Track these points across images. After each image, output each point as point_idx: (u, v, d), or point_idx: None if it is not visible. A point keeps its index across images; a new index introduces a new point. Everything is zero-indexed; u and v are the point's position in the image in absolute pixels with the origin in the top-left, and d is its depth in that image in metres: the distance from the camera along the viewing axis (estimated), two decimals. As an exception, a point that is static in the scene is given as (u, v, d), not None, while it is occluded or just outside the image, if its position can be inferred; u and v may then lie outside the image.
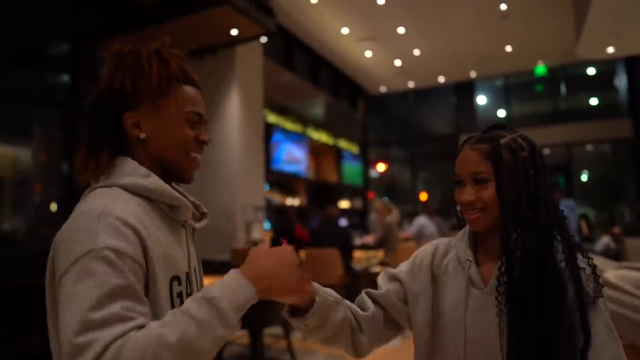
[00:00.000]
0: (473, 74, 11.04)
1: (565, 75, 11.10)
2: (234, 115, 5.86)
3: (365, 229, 9.27)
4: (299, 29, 8.24)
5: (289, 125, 8.37)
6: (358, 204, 11.61)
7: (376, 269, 5.39)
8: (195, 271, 0.89)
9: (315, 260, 4.78)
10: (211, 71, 5.95)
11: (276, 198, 8.18)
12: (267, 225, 6.55)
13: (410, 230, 6.87)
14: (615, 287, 2.50)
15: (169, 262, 0.78)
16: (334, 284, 4.73)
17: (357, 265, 5.36)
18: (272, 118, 7.78)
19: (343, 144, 10.80)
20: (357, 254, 5.95)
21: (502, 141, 0.91)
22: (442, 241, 1.07)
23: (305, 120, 8.98)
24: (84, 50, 5.95)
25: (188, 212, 0.86)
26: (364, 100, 12.21)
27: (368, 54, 9.37)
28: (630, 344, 2.29)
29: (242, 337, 3.92)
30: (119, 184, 0.79)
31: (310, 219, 8.23)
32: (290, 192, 8.91)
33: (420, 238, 6.40)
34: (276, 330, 3.97)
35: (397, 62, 9.90)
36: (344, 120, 10.86)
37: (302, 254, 5.06)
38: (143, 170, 0.81)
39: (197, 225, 0.93)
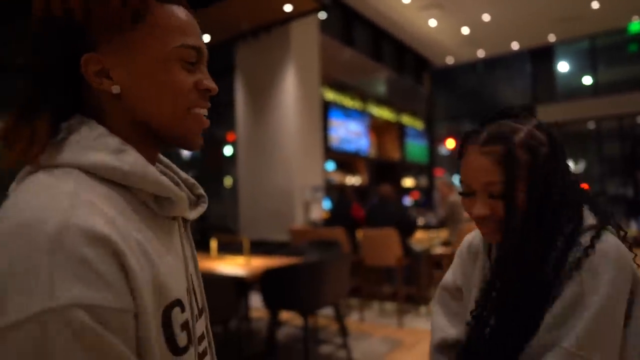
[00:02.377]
0: (552, 38, 10.03)
1: (666, 31, 9.72)
2: (290, 95, 5.79)
3: (430, 207, 8.93)
4: (357, 2, 7.94)
5: (348, 102, 8.17)
6: (424, 182, 11.20)
7: (438, 249, 5.13)
8: (193, 280, 0.62)
9: (371, 241, 4.63)
10: (266, 50, 5.91)
11: (336, 177, 8.08)
12: (326, 204, 6.49)
13: (477, 209, 6.47)
14: None
15: (162, 283, 0.51)
16: (392, 266, 4.57)
17: (418, 246, 5.14)
18: (330, 95, 7.63)
19: (407, 120, 10.40)
20: (419, 234, 5.72)
21: (517, 139, 0.76)
22: (478, 232, 0.96)
23: (365, 97, 8.72)
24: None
25: (182, 206, 0.59)
26: (429, 73, 11.63)
27: (432, 23, 8.83)
28: None
29: (295, 318, 3.91)
30: (78, 163, 0.51)
31: (371, 198, 8.08)
32: (350, 170, 8.77)
33: (488, 218, 6.01)
34: (330, 311, 3.92)
35: (465, 30, 9.24)
36: (408, 95, 10.44)
37: (360, 234, 4.94)
38: (114, 141, 0.53)
39: (192, 216, 0.64)
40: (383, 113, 9.37)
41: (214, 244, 3.57)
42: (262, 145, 5.98)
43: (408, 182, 10.49)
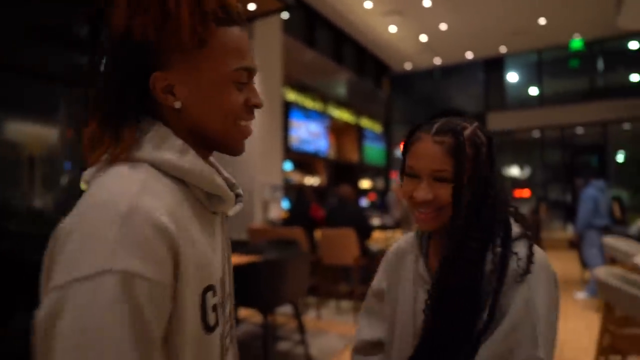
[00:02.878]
0: (503, 49, 10.58)
1: (603, 49, 10.49)
2: (252, 93, 5.79)
3: (385, 210, 9.17)
4: (320, 4, 8.03)
5: (309, 103, 8.25)
6: (380, 184, 11.47)
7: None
8: (227, 271, 0.71)
9: (330, 240, 4.73)
10: (228, 48, 5.87)
11: (295, 177, 8.14)
12: (285, 204, 6.53)
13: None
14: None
15: (203, 269, 0.60)
16: (349, 265, 4.69)
17: (375, 246, 5.28)
18: (291, 96, 7.68)
19: (365, 122, 10.62)
20: (376, 235, 5.87)
21: (465, 134, 0.83)
22: (406, 237, 1.04)
23: (326, 98, 8.84)
24: (104, 28, 5.95)
25: (229, 204, 0.67)
26: (388, 78, 11.93)
27: (393, 29, 9.08)
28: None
29: (254, 315, 3.94)
30: (149, 159, 0.59)
31: (329, 199, 8.19)
32: (309, 171, 8.85)
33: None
34: (288, 309, 3.98)
35: (423, 38, 9.56)
36: (367, 99, 10.66)
37: (318, 233, 5.02)
38: (179, 143, 0.61)
39: (231, 212, 0.72)
40: (343, 115, 9.52)
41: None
42: (222, 143, 5.94)
43: (365, 183, 10.71)
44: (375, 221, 6.59)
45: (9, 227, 4.94)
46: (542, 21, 8.68)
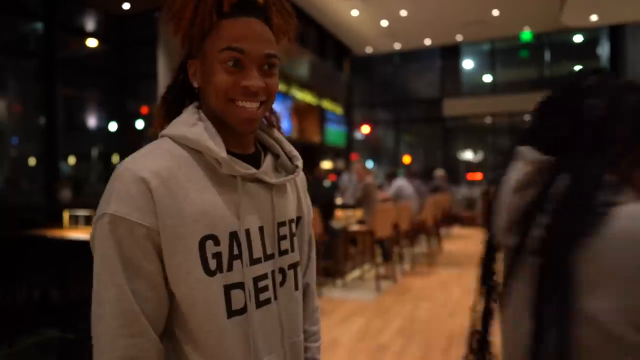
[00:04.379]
0: (459, 38, 11.00)
1: (550, 42, 11.14)
2: (217, 73, 5.78)
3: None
4: (284, -15, 8.03)
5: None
6: (340, 165, 11.74)
7: (354, 227, 5.57)
8: (258, 231, 0.78)
9: (295, 218, 4.94)
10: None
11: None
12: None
13: (389, 191, 7.05)
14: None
15: (201, 219, 0.70)
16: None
17: (336, 224, 5.53)
18: (255, 76, 7.70)
19: (327, 104, 10.78)
20: (338, 213, 6.12)
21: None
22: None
23: (289, 80, 8.91)
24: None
25: (233, 167, 0.74)
26: (349, 61, 12.10)
27: (354, 12, 9.23)
28: None
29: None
30: (169, 133, 0.76)
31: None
32: (273, 151, 8.94)
33: (398, 199, 6.59)
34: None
35: (384, 23, 9.78)
36: (329, 81, 10.80)
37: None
38: (193, 119, 0.76)
39: (275, 180, 0.80)
40: (305, 97, 9.63)
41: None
42: (187, 121, 5.92)
43: (326, 164, 10.93)
44: (337, 201, 6.83)
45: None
46: (495, 12, 9.11)
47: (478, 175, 11.93)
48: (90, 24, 6.54)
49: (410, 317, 4.04)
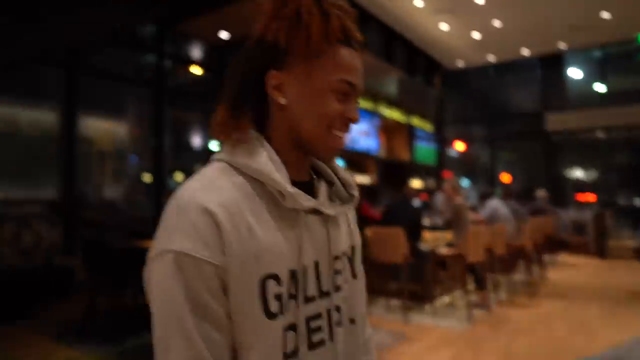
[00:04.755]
0: (562, 45, 10.12)
1: (676, 42, 9.77)
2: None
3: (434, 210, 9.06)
4: (370, 3, 8.08)
5: (360, 102, 8.32)
6: (431, 183, 11.33)
7: (443, 250, 5.27)
8: (318, 266, 0.74)
9: (380, 239, 4.79)
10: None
11: (346, 176, 8.24)
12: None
13: (482, 212, 6.58)
14: None
15: (263, 256, 0.66)
16: (398, 262, 4.72)
17: (425, 246, 5.27)
18: (342, 96, 7.79)
19: (416, 121, 10.53)
20: (426, 235, 5.85)
21: None
22: None
23: (376, 97, 8.87)
24: (168, 31, 6.37)
25: (297, 201, 0.70)
26: (440, 76, 11.74)
27: (444, 26, 8.96)
28: None
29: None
30: (232, 160, 0.71)
31: (381, 198, 8.21)
32: (360, 169, 8.91)
33: (492, 221, 6.11)
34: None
35: (476, 35, 9.36)
36: (418, 98, 10.56)
37: (369, 232, 5.09)
38: (255, 145, 0.71)
39: (333, 212, 0.76)
40: (393, 114, 9.51)
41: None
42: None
43: (416, 183, 10.62)
44: (425, 222, 6.54)
45: (84, 217, 5.42)
46: (605, 15, 8.23)
47: (590, 197, 10.68)
48: (196, 53, 7.21)
49: (506, 352, 3.66)
